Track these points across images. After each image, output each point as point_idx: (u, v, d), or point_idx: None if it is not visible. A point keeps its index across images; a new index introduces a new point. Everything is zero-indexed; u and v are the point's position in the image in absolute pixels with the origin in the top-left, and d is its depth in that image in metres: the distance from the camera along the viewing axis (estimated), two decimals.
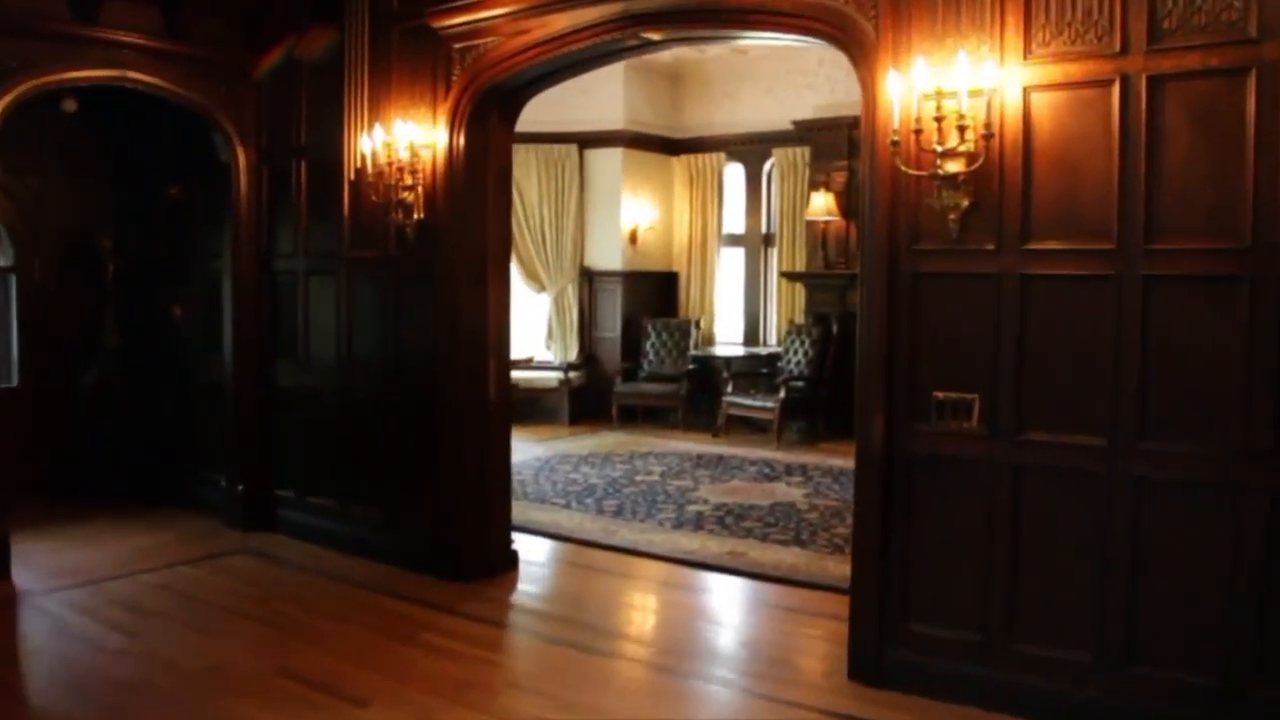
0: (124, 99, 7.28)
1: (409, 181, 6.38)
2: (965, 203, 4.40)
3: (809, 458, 10.79)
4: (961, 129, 4.27)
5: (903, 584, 4.71)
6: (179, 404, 8.43)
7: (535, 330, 13.57)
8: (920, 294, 4.58)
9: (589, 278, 13.39)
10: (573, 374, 13.10)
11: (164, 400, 8.54)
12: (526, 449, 11.17)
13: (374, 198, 6.51)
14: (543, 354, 13.38)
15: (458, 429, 6.38)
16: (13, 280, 8.33)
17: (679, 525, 7.86)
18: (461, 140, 6.29)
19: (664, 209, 13.81)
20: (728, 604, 6.37)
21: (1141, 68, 4.05)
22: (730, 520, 8.01)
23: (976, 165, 4.33)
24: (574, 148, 13.22)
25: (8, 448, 7.86)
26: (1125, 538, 4.17)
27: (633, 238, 13.34)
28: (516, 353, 12.47)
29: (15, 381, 8.36)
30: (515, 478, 9.35)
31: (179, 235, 8.33)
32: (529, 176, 13.13)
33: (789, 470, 10.08)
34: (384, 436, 6.83)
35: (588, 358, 13.41)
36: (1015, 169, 4.32)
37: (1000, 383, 4.41)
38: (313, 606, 6.04)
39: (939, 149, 4.33)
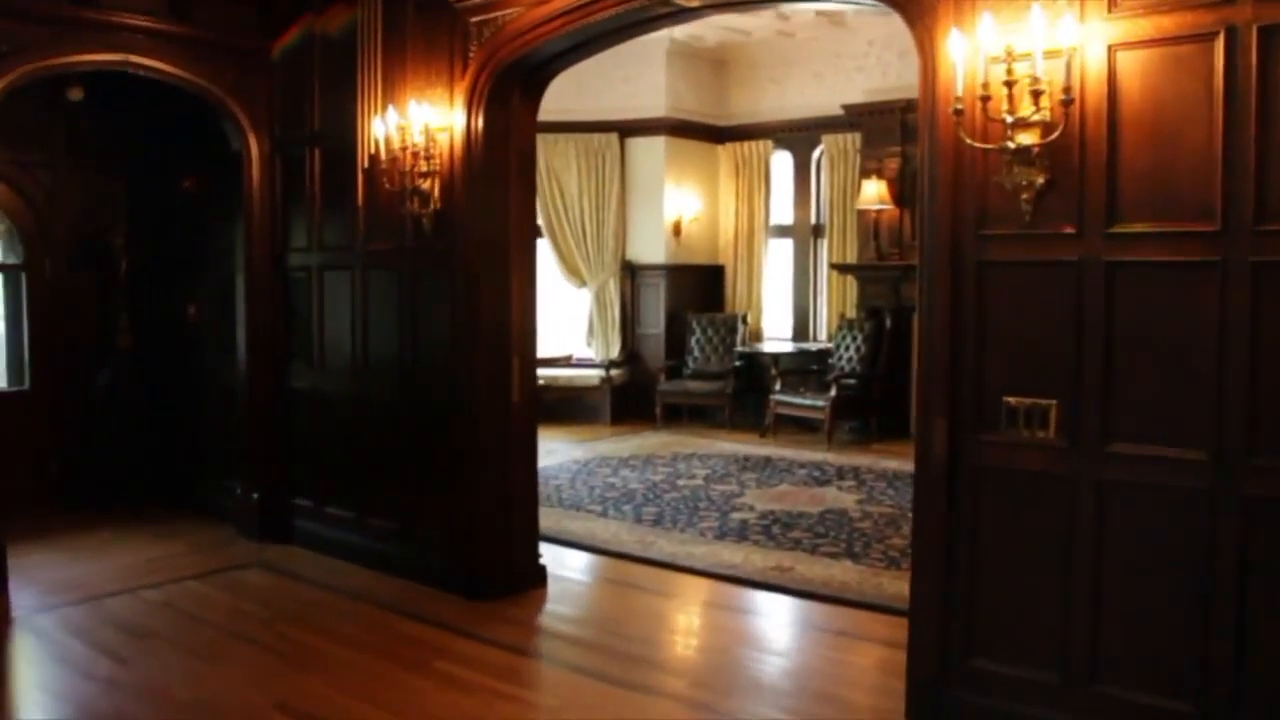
0: (135, 86, 6.87)
1: (425, 168, 5.90)
2: (1040, 180, 3.82)
3: (861, 460, 10.21)
4: (1036, 95, 3.70)
5: (967, 616, 4.13)
6: (194, 407, 8.03)
7: (576, 327, 13.10)
8: (988, 285, 4.01)
9: (631, 272, 12.89)
10: (614, 372, 12.61)
11: (178, 403, 8.15)
12: (564, 451, 10.69)
13: (388, 186, 6.04)
14: (583, 351, 12.91)
15: (478, 435, 5.89)
16: (23, 279, 7.96)
17: (722, 535, 7.33)
18: (480, 122, 5.79)
19: (709, 199, 13.27)
20: (773, 627, 5.83)
21: (1251, 17, 3.44)
22: (777, 530, 7.46)
23: (1053, 136, 3.74)
24: (614, 137, 12.72)
25: (11, 453, 7.57)
26: (1233, 569, 3.57)
27: (676, 230, 12.82)
28: (555, 350, 12.04)
29: (28, 384, 7.98)
30: (551, 482, 8.92)
31: (193, 231, 7.92)
32: (568, 168, 12.67)
33: (840, 474, 9.51)
34: (401, 443, 6.36)
35: (630, 355, 12.91)
36: (1099, 140, 3.73)
37: (1081, 386, 3.82)
38: (321, 628, 5.57)
39: (1009, 119, 3.75)
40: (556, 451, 10.69)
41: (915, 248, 11.23)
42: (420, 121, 5.85)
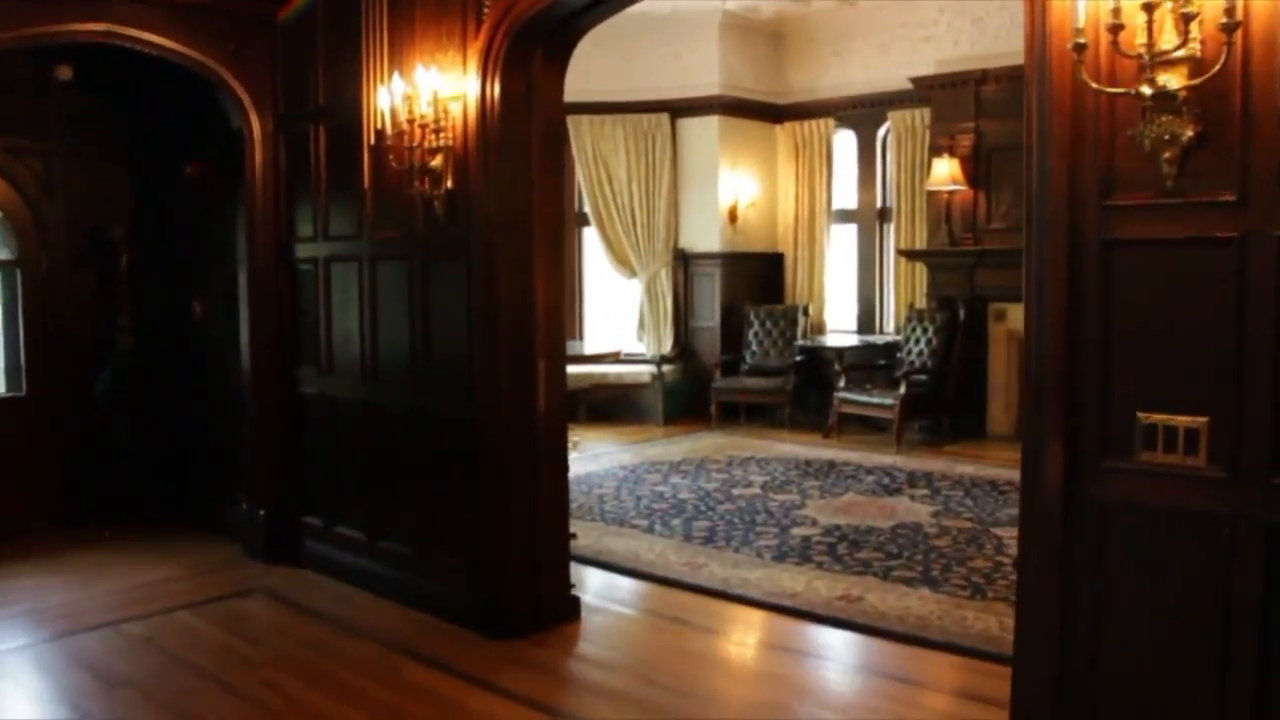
0: (135, 63, 6.18)
1: (434, 143, 5.13)
2: (1189, 133, 2.95)
3: (934, 464, 9.32)
4: (1184, 20, 2.83)
5: (1088, 688, 3.27)
6: (202, 414, 7.35)
7: (625, 321, 12.32)
8: (1116, 270, 3.13)
9: (684, 261, 12.08)
10: (666, 368, 11.80)
11: (186, 409, 7.47)
12: (611, 455, 9.92)
13: (395, 165, 5.29)
14: (634, 346, 12.11)
15: (497, 450, 5.11)
16: (17, 276, 7.30)
17: (781, 556, 6.50)
18: (496, 89, 5.00)
19: (766, 183, 12.40)
20: (840, 674, 4.96)
21: None
22: (844, 549, 6.62)
23: (1208, 75, 2.87)
24: (665, 117, 11.91)
25: (9, 465, 6.98)
26: None
27: (732, 216, 11.98)
28: (603, 345, 11.26)
29: (24, 389, 7.34)
30: (594, 491, 8.17)
31: (199, 221, 7.25)
32: (616, 151, 11.89)
33: (912, 480, 8.63)
34: (414, 458, 5.61)
35: (683, 350, 12.10)
36: (1268, 79, 2.85)
37: (1244, 399, 2.94)
38: (316, 676, 4.82)
39: (1148, 54, 2.88)
40: (603, 455, 9.92)
41: (991, 231, 10.45)
42: (429, 90, 5.08)
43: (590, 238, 12.34)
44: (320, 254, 6.16)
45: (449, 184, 5.19)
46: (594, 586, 6.01)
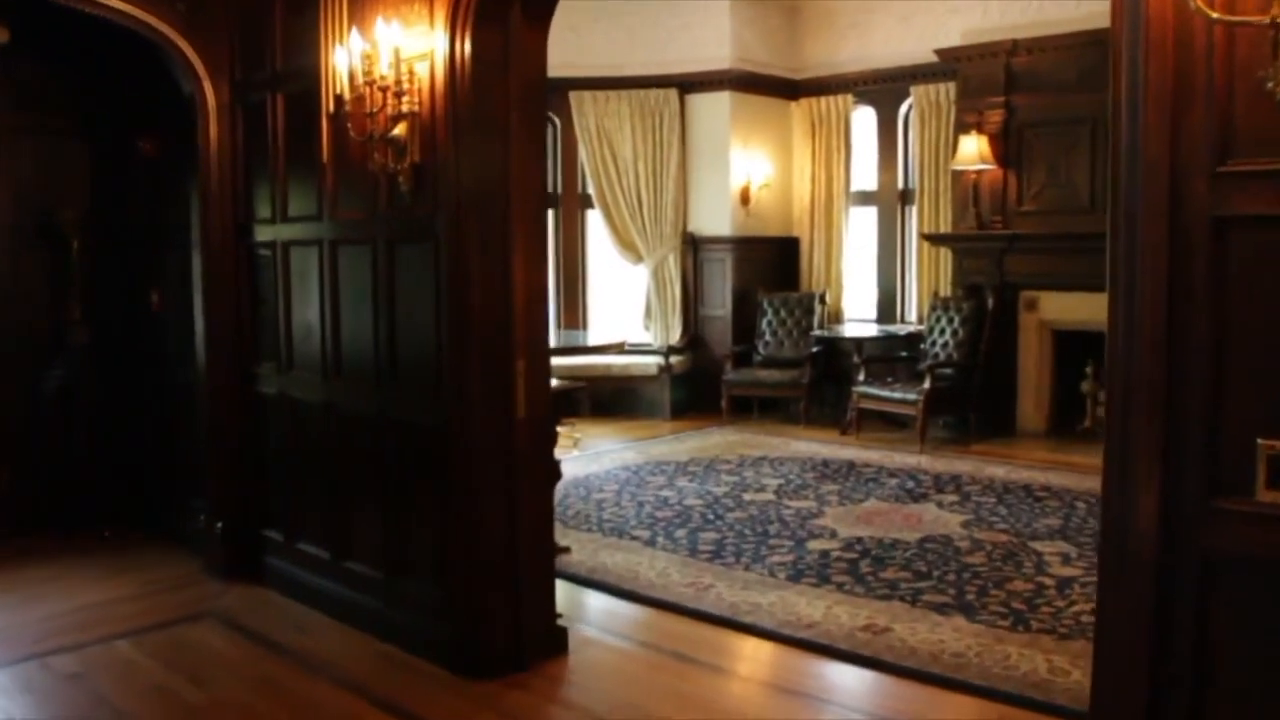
0: (87, 26, 5.52)
1: (395, 108, 4.45)
2: None
3: (961, 465, 8.62)
4: None
5: None
6: (160, 414, 6.70)
7: (631, 309, 11.63)
8: (1232, 254, 2.43)
9: (693, 246, 11.38)
10: (674, 359, 11.12)
11: (144, 408, 6.82)
12: (614, 453, 9.25)
13: (354, 135, 4.61)
14: (640, 336, 11.40)
15: (468, 461, 4.44)
16: None
17: (797, 575, 5.82)
18: (467, 47, 4.30)
19: (781, 163, 11.67)
20: None
21: None
22: (867, 566, 5.94)
23: None
24: (673, 93, 11.19)
25: None
26: None
27: (744, 198, 11.27)
28: (608, 335, 10.58)
29: None
30: (593, 496, 7.51)
31: (156, 201, 6.58)
32: (621, 129, 11.19)
33: (938, 484, 7.93)
34: (379, 469, 4.94)
35: (692, 339, 11.41)
36: None
37: None
38: None
39: None
40: (605, 454, 9.25)
41: (1022, 214, 9.71)
42: (389, 48, 4.40)
43: (594, 221, 11.64)
44: (279, 237, 5.49)
45: (415, 157, 4.51)
46: (585, 612, 5.36)
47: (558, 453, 8.50)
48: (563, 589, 5.52)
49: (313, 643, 5.00)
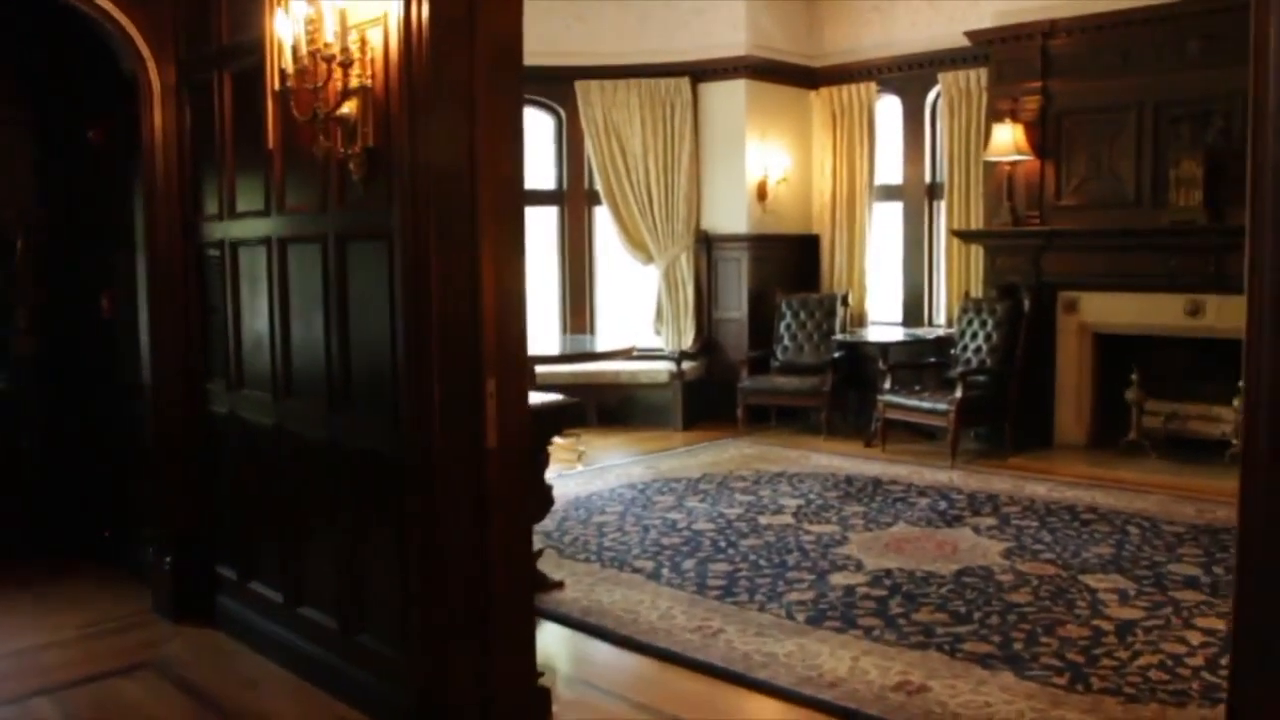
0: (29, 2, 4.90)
1: (343, 82, 3.78)
2: None
3: (998, 482, 7.91)
4: None
5: None
6: (112, 431, 6.05)
7: (641, 312, 10.96)
8: None
9: (707, 245, 10.70)
10: (687, 365, 10.43)
11: (96, 425, 6.18)
12: (620, 469, 8.58)
13: (298, 115, 3.95)
14: (651, 340, 10.73)
15: (432, 500, 3.76)
16: None
17: (818, 617, 5.12)
18: (424, 7, 3.63)
19: (800, 156, 10.96)
20: None
21: None
22: (897, 605, 5.24)
23: None
24: (685, 81, 10.50)
25: None
26: None
27: (761, 193, 10.57)
28: (616, 340, 9.90)
29: None
30: (594, 519, 6.87)
31: (106, 196, 5.93)
32: (630, 120, 10.52)
33: (973, 504, 7.22)
34: (334, 504, 4.27)
35: (706, 344, 10.72)
36: None
37: None
38: None
39: None
40: (610, 469, 8.58)
41: (1061, 209, 8.91)
42: (333, 10, 3.73)
43: (602, 219, 10.96)
44: (227, 236, 4.83)
45: (368, 139, 3.84)
46: (575, 662, 4.70)
47: (558, 469, 7.92)
48: (552, 633, 4.91)
49: (262, 702, 4.36)
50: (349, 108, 3.84)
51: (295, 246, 4.36)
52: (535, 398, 4.84)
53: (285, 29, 3.87)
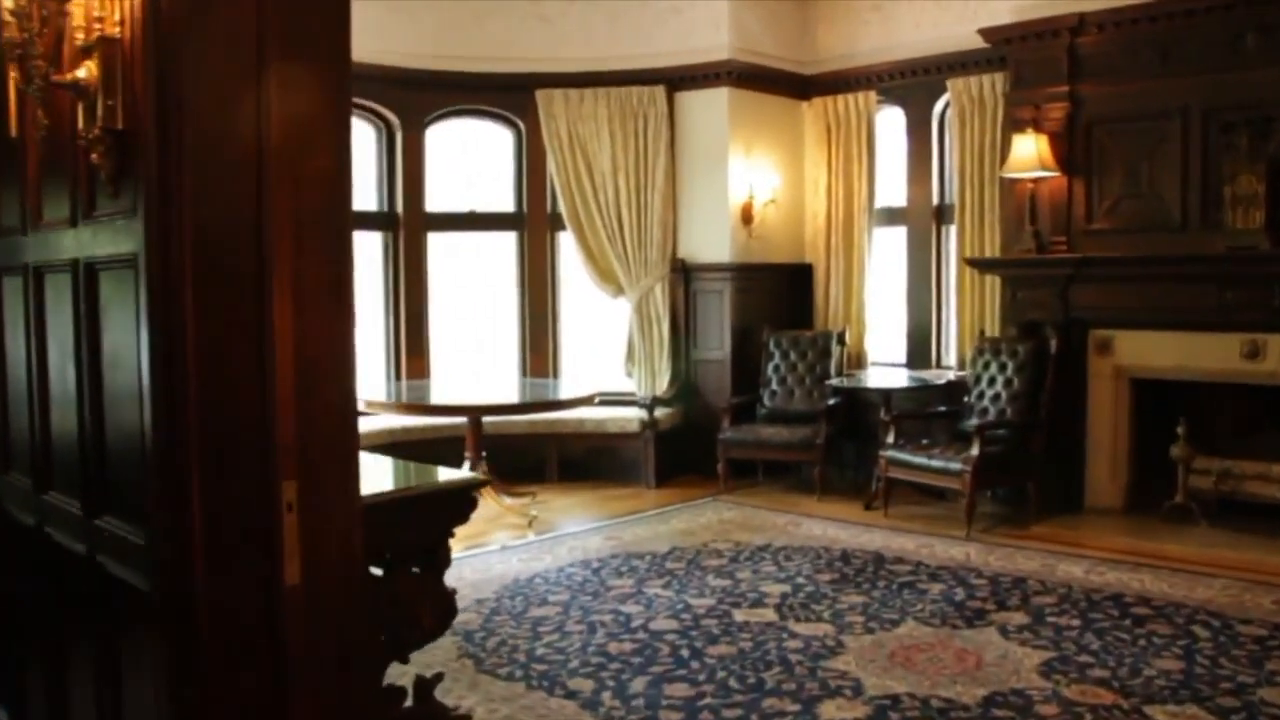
0: None
1: (84, 35, 2.50)
2: None
3: (1024, 560, 6.60)
4: None
5: None
6: None
7: (610, 351, 9.69)
8: None
9: (685, 275, 9.48)
10: (661, 412, 9.15)
11: None
12: (576, 540, 7.28)
13: (17, 81, 2.66)
14: (622, 383, 9.46)
15: (203, 661, 2.44)
16: None
17: None
18: None
19: (790, 174, 9.75)
20: None
21: None
22: None
23: None
24: (660, 90, 9.33)
25: None
26: None
27: (746, 216, 9.36)
28: (579, 387, 8.64)
29: None
30: (532, 611, 5.60)
31: None
32: (598, 134, 9.33)
33: (998, 593, 5.91)
34: (93, 650, 2.96)
35: (682, 388, 9.44)
36: None
37: None
38: None
39: None
40: (563, 540, 7.26)
41: (1093, 233, 7.11)
42: None
43: (566, 244, 9.71)
44: None
45: (116, 118, 2.54)
46: None
47: (503, 540, 6.65)
48: None
49: None
50: (88, 70, 2.55)
51: (52, 276, 3.06)
52: (444, 474, 3.68)
53: None
